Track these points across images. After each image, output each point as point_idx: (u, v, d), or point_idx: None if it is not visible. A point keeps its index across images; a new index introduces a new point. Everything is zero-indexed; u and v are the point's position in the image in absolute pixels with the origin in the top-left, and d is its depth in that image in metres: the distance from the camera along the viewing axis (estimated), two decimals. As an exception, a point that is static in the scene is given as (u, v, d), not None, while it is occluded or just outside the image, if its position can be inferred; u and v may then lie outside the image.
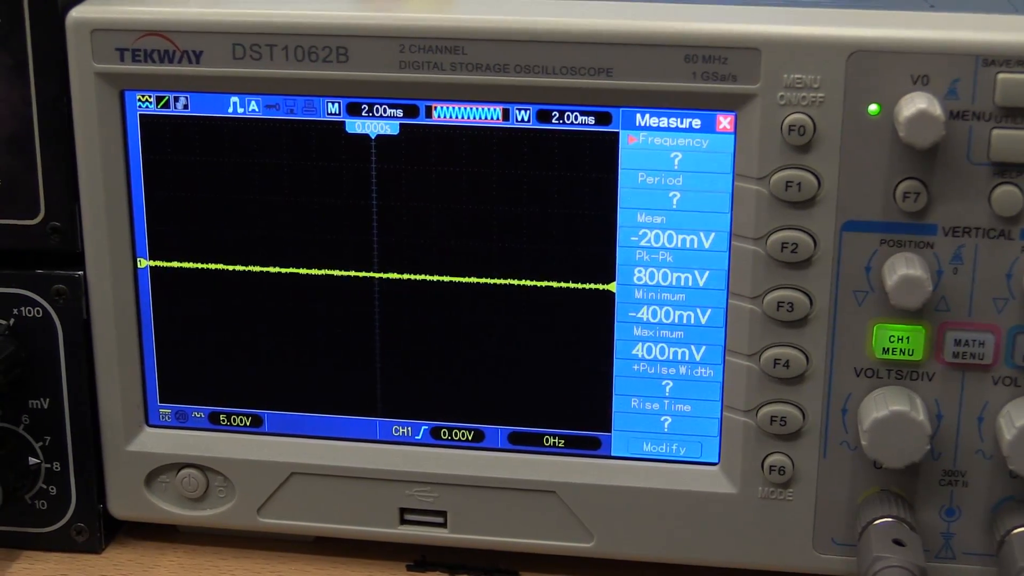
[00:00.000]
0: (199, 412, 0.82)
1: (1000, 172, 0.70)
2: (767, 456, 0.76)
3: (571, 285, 0.77)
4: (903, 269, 0.70)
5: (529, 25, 0.72)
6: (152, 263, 0.80)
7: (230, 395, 0.82)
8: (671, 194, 0.75)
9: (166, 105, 0.77)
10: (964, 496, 0.75)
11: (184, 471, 0.82)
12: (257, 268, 0.79)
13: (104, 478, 0.83)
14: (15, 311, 0.80)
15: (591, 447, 0.80)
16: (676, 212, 0.75)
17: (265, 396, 0.82)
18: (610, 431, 0.79)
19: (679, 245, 0.75)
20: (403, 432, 0.81)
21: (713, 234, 0.75)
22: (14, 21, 0.75)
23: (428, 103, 0.75)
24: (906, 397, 0.72)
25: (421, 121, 0.76)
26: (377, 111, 0.76)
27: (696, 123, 0.74)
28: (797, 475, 0.76)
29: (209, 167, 0.78)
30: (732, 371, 0.76)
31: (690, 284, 0.76)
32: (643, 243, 0.76)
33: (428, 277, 0.78)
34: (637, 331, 0.77)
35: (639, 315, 0.77)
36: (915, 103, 0.68)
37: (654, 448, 0.79)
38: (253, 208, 0.78)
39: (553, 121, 0.75)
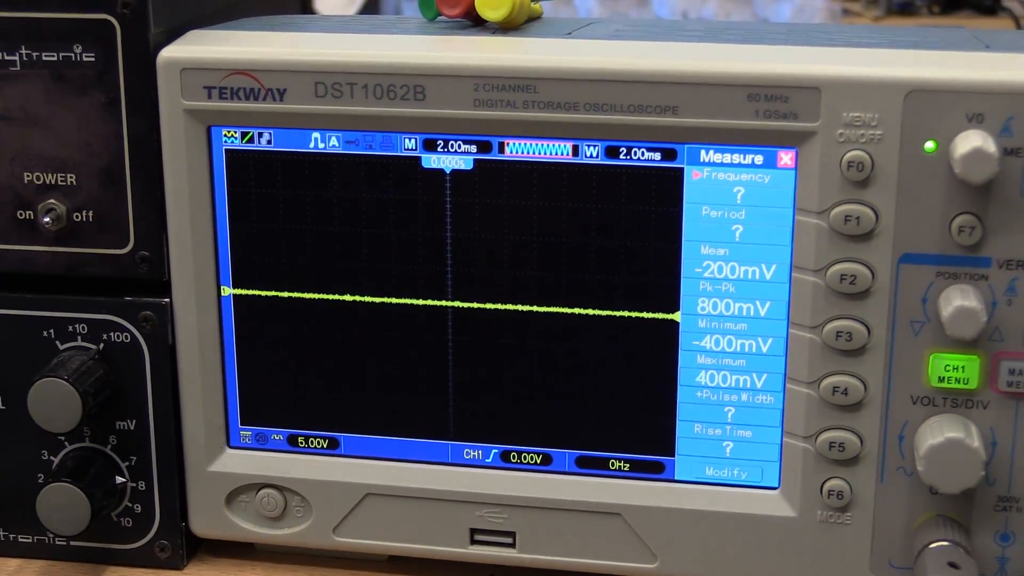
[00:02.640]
0: (278, 434, 0.84)
1: (1053, 207, 0.72)
2: (826, 481, 0.77)
3: (637, 314, 0.79)
4: (958, 300, 0.72)
5: (599, 65, 0.75)
6: (235, 291, 0.82)
7: (308, 418, 0.84)
8: (734, 227, 0.77)
9: (251, 140, 0.80)
10: (1019, 521, 0.76)
11: (263, 491, 0.84)
12: (335, 296, 0.81)
13: (186, 497, 0.85)
14: (104, 336, 0.82)
15: (655, 471, 0.81)
16: (739, 244, 0.77)
17: (342, 419, 0.83)
18: (674, 456, 0.81)
19: (741, 276, 0.77)
20: (474, 455, 0.83)
21: (774, 266, 0.76)
22: (108, 61, 0.78)
23: (501, 139, 0.77)
24: (961, 425, 0.73)
25: (494, 156, 0.78)
26: (452, 147, 0.78)
27: (758, 159, 0.75)
28: (855, 499, 0.77)
29: (291, 200, 0.80)
30: (792, 398, 0.77)
31: (752, 314, 0.78)
32: (707, 274, 0.77)
33: (499, 306, 0.80)
34: (700, 359, 0.79)
35: (702, 344, 0.79)
36: (970, 141, 0.70)
37: (716, 472, 0.80)
38: (332, 239, 0.80)
39: (621, 157, 0.77)
